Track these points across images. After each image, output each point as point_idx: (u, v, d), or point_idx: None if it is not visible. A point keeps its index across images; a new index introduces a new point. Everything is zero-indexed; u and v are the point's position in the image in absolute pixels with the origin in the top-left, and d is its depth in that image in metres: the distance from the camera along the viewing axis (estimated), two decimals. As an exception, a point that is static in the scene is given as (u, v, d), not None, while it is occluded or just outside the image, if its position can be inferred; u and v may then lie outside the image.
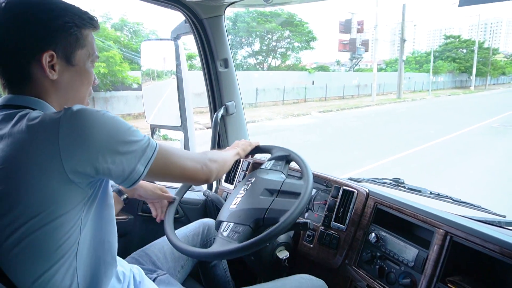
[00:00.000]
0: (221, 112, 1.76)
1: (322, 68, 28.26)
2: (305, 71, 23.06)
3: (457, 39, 38.63)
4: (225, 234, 1.06)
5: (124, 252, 1.12)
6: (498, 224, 1.18)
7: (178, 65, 1.81)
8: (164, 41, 1.93)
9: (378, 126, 12.08)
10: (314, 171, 1.46)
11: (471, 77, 34.69)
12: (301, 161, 1.17)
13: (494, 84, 43.66)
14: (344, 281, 1.24)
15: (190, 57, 12.80)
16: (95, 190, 0.77)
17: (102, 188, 0.81)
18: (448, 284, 0.93)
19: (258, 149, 1.37)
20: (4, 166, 0.68)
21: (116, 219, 1.53)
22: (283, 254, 1.34)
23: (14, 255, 0.68)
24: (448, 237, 0.95)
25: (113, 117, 0.75)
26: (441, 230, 0.98)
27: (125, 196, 1.23)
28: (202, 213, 1.75)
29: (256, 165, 1.71)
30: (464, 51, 37.14)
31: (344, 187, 1.32)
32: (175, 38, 1.82)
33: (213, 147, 1.79)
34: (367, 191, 1.25)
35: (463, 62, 36.13)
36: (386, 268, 1.10)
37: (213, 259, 1.01)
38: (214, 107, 1.80)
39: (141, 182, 1.03)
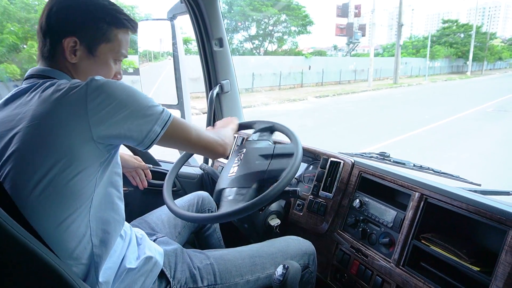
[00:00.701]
0: (216, 90, 1.83)
1: (319, 53, 28.12)
2: (302, 55, 22.95)
3: (455, 24, 38.41)
4: (230, 198, 1.13)
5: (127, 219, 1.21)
6: (474, 192, 1.28)
7: (174, 44, 1.87)
8: (161, 21, 1.98)
9: (374, 111, 12.15)
10: (305, 145, 1.55)
11: (467, 62, 34.70)
12: (285, 128, 1.25)
13: (490, 69, 43.69)
14: (331, 244, 1.34)
15: (186, 42, 12.71)
16: (110, 156, 0.86)
17: (114, 157, 0.89)
18: (422, 241, 1.03)
19: (240, 126, 1.42)
20: (36, 122, 0.76)
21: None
22: (274, 221, 1.43)
23: (40, 202, 0.76)
24: (424, 198, 1.05)
25: (131, 86, 0.84)
26: (417, 193, 1.07)
27: None
28: (198, 186, 1.83)
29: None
30: (462, 35, 37.01)
31: (332, 159, 1.40)
32: (171, 18, 1.87)
33: (208, 124, 1.87)
34: (353, 161, 1.34)
35: (460, 47, 36.04)
36: (368, 230, 1.20)
37: (226, 219, 1.08)
38: (209, 86, 1.87)
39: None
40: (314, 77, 21.48)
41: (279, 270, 0.98)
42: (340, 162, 1.37)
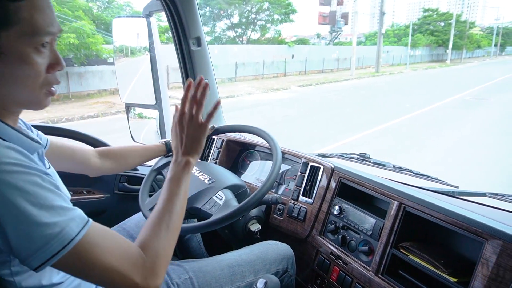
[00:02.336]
0: (195, 90, 1.77)
1: (302, 41, 28.01)
2: (285, 44, 22.82)
3: (435, 12, 38.87)
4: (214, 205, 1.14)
5: None
6: (452, 194, 1.29)
7: (151, 43, 1.80)
8: (136, 18, 1.90)
9: (357, 100, 12.25)
10: (284, 148, 1.53)
11: (447, 50, 35.27)
12: (263, 132, 1.26)
13: (469, 57, 44.59)
14: (311, 250, 1.33)
15: (167, 30, 12.43)
16: None
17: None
18: (401, 250, 1.03)
19: (218, 131, 1.38)
20: None
21: (93, 197, 1.59)
22: (255, 227, 1.42)
23: None
24: (402, 207, 1.04)
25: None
26: (396, 201, 1.06)
27: None
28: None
29: (230, 143, 1.76)
30: (442, 24, 37.50)
31: (311, 163, 1.39)
32: (147, 15, 1.80)
33: None
34: (332, 167, 1.33)
35: (441, 35, 36.57)
36: (348, 237, 1.20)
37: (212, 228, 1.07)
38: (188, 86, 1.82)
39: None
40: (297, 66, 21.45)
41: (259, 285, 0.97)
42: (319, 167, 1.36)
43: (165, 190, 0.85)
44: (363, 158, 1.60)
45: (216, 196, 1.14)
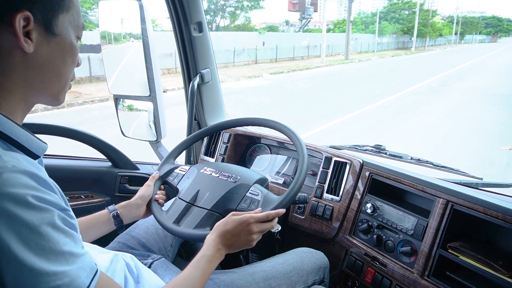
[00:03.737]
0: (197, 80, 1.64)
1: (272, 29, 27.86)
2: (255, 31, 22.57)
3: (401, 1, 39.81)
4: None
5: (105, 238, 1.04)
6: (475, 186, 1.26)
7: (144, 29, 1.63)
8: (127, 0, 1.72)
9: (328, 88, 12.36)
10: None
11: (412, 38, 36.36)
12: (286, 128, 1.17)
13: (432, 45, 46.27)
14: (339, 250, 1.26)
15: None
16: None
17: None
18: (449, 250, 0.97)
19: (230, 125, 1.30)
20: None
21: (92, 202, 1.43)
22: (275, 227, 1.33)
23: None
24: (450, 206, 0.98)
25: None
26: (442, 199, 1.00)
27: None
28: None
29: (238, 137, 1.65)
30: (407, 12, 38.52)
31: (336, 158, 1.31)
32: (140, -3, 1.62)
33: (190, 122, 1.67)
34: (361, 162, 1.25)
35: (406, 23, 37.65)
36: (384, 237, 1.13)
37: None
38: (188, 76, 1.67)
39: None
40: (268, 53, 21.30)
41: None
42: (346, 163, 1.28)
43: (197, 267, 0.82)
44: (379, 150, 1.53)
45: (250, 193, 1.04)
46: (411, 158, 1.47)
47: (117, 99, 1.88)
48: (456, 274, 0.96)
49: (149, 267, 1.04)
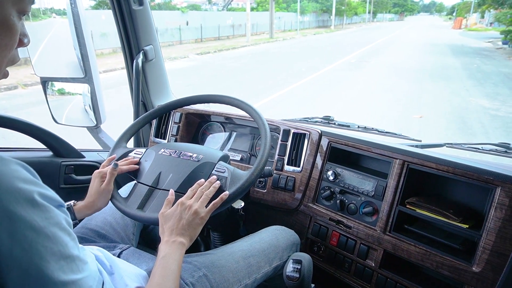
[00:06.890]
0: (140, 58, 1.52)
1: (194, 7, 26.95)
2: (177, 10, 21.64)
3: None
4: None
5: None
6: (415, 147, 1.38)
7: (72, 2, 1.46)
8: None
9: (256, 66, 12.48)
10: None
11: (331, 17, 38.04)
12: (245, 104, 1.16)
13: (349, 23, 49.02)
14: (303, 219, 1.30)
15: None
16: None
17: None
18: (407, 206, 1.06)
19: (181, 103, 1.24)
20: None
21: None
22: (238, 204, 1.32)
23: None
24: (406, 165, 1.07)
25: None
26: (399, 160, 1.08)
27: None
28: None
29: (189, 116, 1.58)
30: (324, -9, 40.06)
31: (294, 130, 1.33)
32: (66, -36, 1.44)
33: (136, 103, 1.55)
34: (319, 132, 1.29)
35: (324, 2, 39.19)
36: (346, 201, 1.19)
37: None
38: (130, 54, 1.54)
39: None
40: (193, 33, 20.67)
41: (290, 266, 0.90)
42: (304, 134, 1.30)
43: (160, 268, 0.77)
44: (328, 120, 1.60)
45: (216, 171, 1.00)
46: (358, 127, 1.56)
47: (45, 82, 1.67)
48: (414, 226, 1.05)
49: (119, 257, 0.97)
